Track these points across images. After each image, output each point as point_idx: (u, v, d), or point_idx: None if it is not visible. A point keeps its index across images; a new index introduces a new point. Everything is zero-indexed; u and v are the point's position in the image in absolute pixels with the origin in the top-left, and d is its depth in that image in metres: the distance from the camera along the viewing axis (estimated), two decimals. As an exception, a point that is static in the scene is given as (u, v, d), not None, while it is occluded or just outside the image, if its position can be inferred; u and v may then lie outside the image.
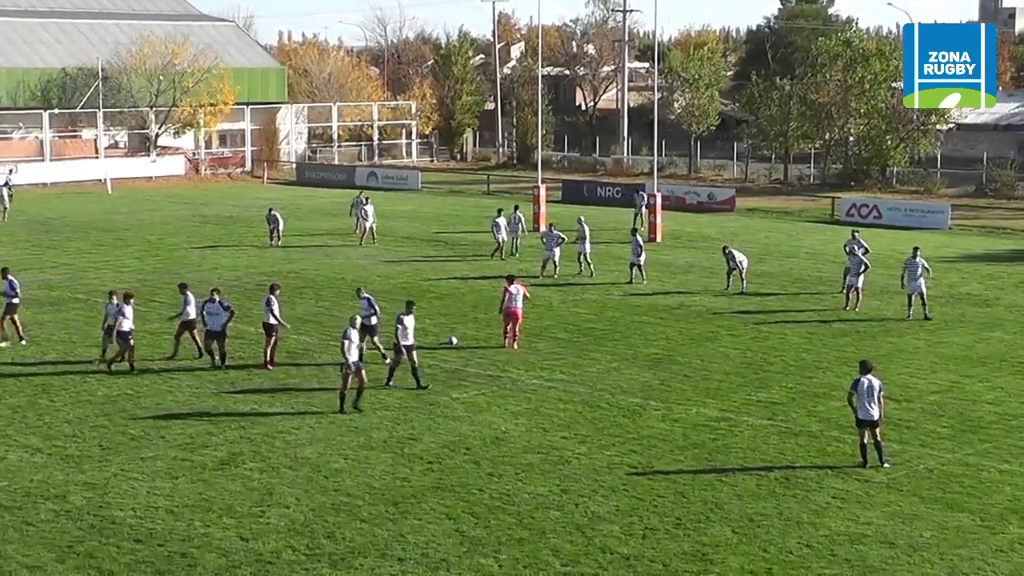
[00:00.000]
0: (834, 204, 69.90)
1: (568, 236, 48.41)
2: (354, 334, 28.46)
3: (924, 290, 39.61)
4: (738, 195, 73.10)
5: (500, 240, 51.42)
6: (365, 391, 28.72)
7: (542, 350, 34.87)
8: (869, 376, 24.63)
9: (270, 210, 56.61)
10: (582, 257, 48.00)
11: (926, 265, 40.00)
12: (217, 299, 32.46)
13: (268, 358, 32.57)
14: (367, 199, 57.86)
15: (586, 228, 48.41)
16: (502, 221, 51.71)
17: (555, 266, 46.76)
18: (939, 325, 38.67)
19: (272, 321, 32.65)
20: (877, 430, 24.65)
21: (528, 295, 36.30)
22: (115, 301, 32.25)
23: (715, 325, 38.56)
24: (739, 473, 24.41)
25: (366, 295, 33.54)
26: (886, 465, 24.49)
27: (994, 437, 26.91)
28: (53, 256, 51.66)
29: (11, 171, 75.61)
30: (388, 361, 31.13)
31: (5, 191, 64.22)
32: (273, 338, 32.65)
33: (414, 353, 30.37)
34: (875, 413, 24.52)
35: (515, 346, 34.79)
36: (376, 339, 32.76)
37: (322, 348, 34.57)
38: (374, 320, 32.96)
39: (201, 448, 25.78)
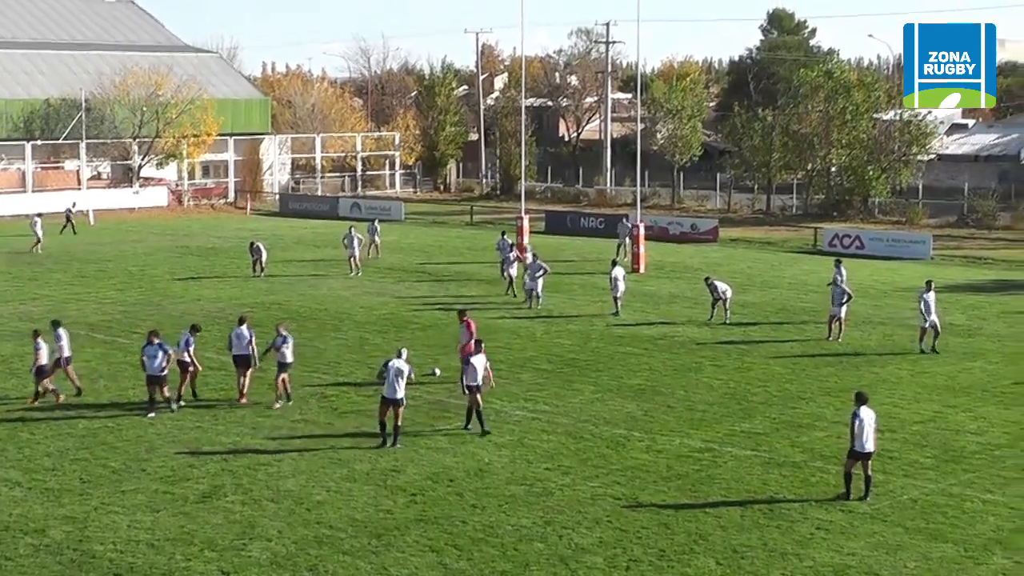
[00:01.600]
0: (816, 234, 70.04)
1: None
2: (405, 368, 27.87)
3: (939, 323, 39.32)
4: (721, 225, 73.24)
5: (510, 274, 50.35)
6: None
7: (525, 381, 34.81)
8: (865, 407, 24.59)
9: (252, 242, 56.52)
10: (533, 294, 48.23)
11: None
12: (156, 341, 30.97)
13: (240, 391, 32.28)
14: (352, 228, 57.63)
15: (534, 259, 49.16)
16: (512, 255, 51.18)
17: (538, 298, 46.74)
18: (922, 355, 38.71)
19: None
20: (869, 463, 24.62)
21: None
22: (156, 341, 31.04)
23: (698, 356, 38.54)
24: (723, 504, 24.34)
25: (283, 332, 32.09)
26: (869, 499, 24.43)
27: (977, 467, 26.90)
28: (34, 288, 51.46)
29: (74, 203, 75.95)
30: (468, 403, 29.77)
31: (38, 224, 63.88)
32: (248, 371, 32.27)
33: (478, 395, 29.45)
34: (870, 446, 24.49)
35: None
36: (286, 376, 31.67)
37: (304, 378, 34.43)
38: (289, 359, 31.69)
39: (182, 481, 25.64)
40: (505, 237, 53.98)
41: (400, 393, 27.73)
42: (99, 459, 27.08)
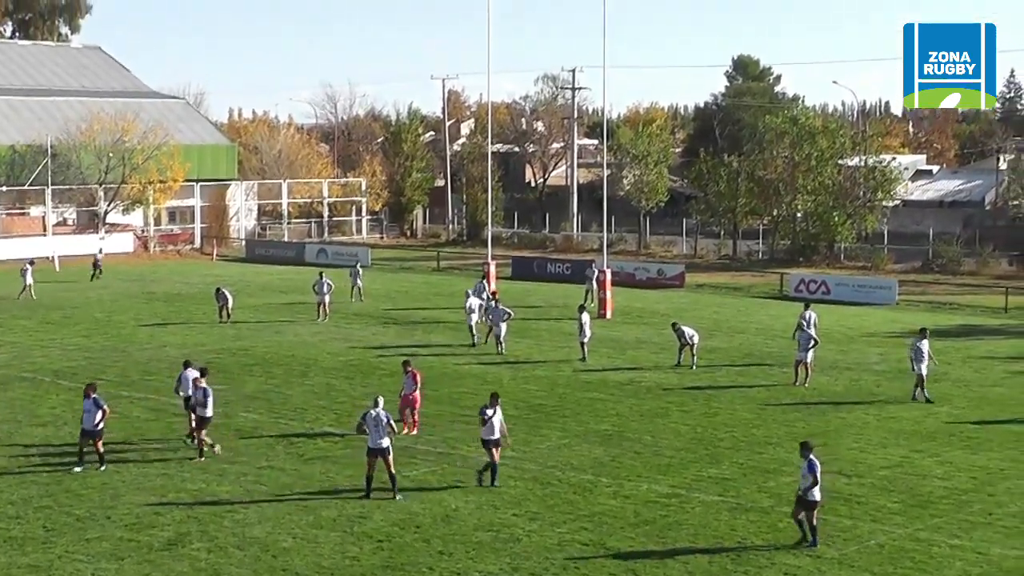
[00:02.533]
0: (783, 280, 70.29)
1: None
2: (383, 416, 27.60)
3: (925, 373, 39.12)
4: (687, 271, 73.42)
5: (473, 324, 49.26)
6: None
7: (493, 427, 34.68)
8: (811, 456, 24.58)
9: (219, 288, 56.34)
10: (474, 327, 48.87)
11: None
12: (93, 396, 30.01)
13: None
14: (323, 274, 57.46)
15: (481, 298, 49.78)
16: (475, 302, 49.98)
17: (501, 343, 46.63)
18: (888, 400, 38.84)
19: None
20: (815, 512, 24.52)
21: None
22: (92, 396, 30.22)
23: (665, 401, 38.56)
24: (690, 551, 24.29)
25: (203, 385, 31.42)
26: (817, 547, 24.27)
27: (944, 512, 26.95)
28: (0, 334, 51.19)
29: (100, 249, 76.28)
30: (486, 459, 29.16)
31: (29, 272, 63.34)
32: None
33: (496, 450, 28.75)
34: (818, 495, 24.45)
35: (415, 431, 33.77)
36: (204, 431, 31.03)
37: (270, 425, 34.27)
38: (208, 412, 30.98)
39: (148, 528, 25.44)
40: (483, 282, 54.10)
41: (385, 442, 27.40)
42: (63, 507, 26.86)
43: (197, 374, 32.23)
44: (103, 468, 29.74)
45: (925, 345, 39.03)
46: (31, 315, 56.67)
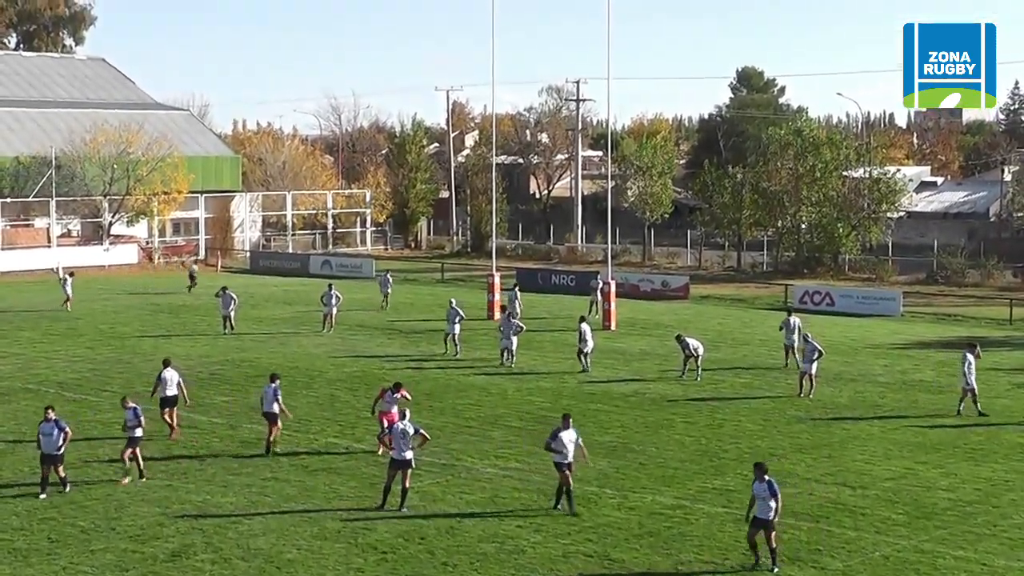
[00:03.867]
0: (787, 291, 70.24)
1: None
2: (410, 429, 27.56)
3: (976, 387, 38.87)
4: (692, 282, 73.40)
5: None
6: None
7: (497, 438, 34.74)
8: (767, 478, 24.08)
9: (224, 289, 55.99)
10: (450, 338, 49.11)
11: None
12: (52, 418, 28.81)
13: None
14: (332, 286, 57.16)
15: (459, 310, 49.50)
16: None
17: (511, 355, 46.65)
18: (892, 411, 38.82)
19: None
20: (772, 534, 23.87)
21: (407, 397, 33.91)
22: (52, 418, 29.09)
23: (670, 412, 38.54)
24: (695, 562, 24.28)
25: (132, 404, 30.47)
26: (776, 570, 23.76)
27: (948, 523, 26.92)
28: (3, 346, 51.16)
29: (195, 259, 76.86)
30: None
31: (69, 283, 63.58)
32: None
33: (568, 472, 27.61)
34: (771, 514, 23.88)
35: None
36: (138, 449, 30.16)
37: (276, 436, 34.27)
38: (139, 432, 30.11)
39: (152, 540, 25.44)
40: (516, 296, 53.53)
41: (409, 454, 27.36)
42: (68, 518, 26.86)
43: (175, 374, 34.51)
44: (67, 490, 28.67)
45: (971, 358, 38.71)
46: (35, 326, 56.70)
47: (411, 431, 27.51)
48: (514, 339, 46.74)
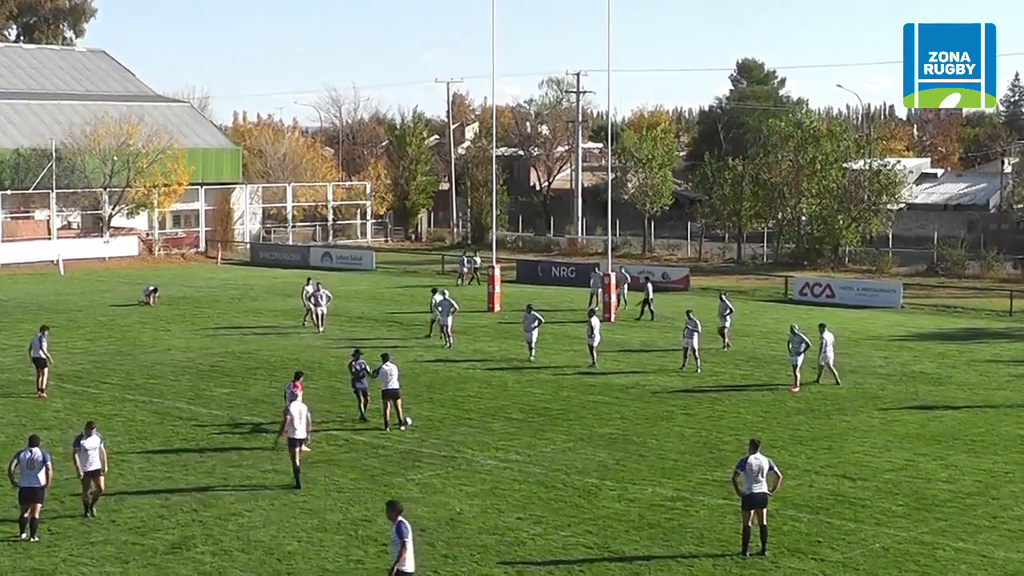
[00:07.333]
0: (787, 283, 70.25)
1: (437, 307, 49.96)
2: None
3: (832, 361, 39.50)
4: (692, 274, 73.41)
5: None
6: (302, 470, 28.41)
7: (497, 430, 34.75)
8: (757, 455, 24.23)
9: (318, 285, 54.58)
10: (445, 329, 49.48)
11: None
12: (38, 447, 25.27)
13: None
14: (319, 284, 56.10)
15: (452, 302, 49.99)
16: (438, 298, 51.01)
17: (531, 348, 46.52)
18: (892, 403, 38.83)
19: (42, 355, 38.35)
20: (764, 511, 24.07)
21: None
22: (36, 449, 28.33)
23: (670, 404, 38.55)
24: (695, 554, 24.29)
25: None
26: (766, 553, 23.99)
27: (948, 515, 26.93)
28: (3, 338, 51.15)
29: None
30: None
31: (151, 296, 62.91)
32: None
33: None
34: (764, 489, 23.94)
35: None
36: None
37: (275, 428, 34.25)
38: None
39: (152, 531, 25.45)
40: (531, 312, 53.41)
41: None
42: (68, 510, 26.85)
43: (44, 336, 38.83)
44: (35, 540, 24.79)
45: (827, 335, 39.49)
46: (35, 318, 56.60)
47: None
48: (534, 332, 46.59)
